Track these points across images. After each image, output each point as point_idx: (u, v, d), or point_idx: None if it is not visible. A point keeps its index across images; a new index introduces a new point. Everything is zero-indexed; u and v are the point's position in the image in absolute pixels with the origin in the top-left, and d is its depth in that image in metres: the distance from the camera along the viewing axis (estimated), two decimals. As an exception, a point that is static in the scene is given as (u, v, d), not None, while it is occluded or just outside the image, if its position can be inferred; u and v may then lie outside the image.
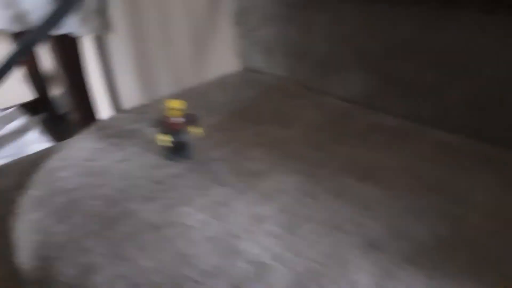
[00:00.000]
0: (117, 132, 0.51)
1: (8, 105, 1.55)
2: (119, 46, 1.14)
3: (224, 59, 0.79)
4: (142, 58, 1.08)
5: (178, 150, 0.43)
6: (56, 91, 1.58)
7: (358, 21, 0.51)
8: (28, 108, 1.57)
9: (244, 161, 0.42)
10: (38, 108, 1.55)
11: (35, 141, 1.23)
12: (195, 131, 0.42)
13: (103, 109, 1.34)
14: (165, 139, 0.41)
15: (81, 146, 0.48)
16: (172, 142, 0.42)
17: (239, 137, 0.47)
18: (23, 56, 0.43)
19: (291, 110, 0.52)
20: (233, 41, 0.70)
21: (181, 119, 0.42)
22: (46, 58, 1.56)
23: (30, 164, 0.88)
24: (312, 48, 0.57)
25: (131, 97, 1.22)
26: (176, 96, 0.59)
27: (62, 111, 1.65)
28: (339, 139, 0.44)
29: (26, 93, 1.54)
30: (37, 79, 1.53)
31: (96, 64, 1.27)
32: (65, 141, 0.94)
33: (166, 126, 0.42)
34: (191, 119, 0.42)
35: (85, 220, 0.35)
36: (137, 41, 1.06)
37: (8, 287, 0.39)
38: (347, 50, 0.53)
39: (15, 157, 1.17)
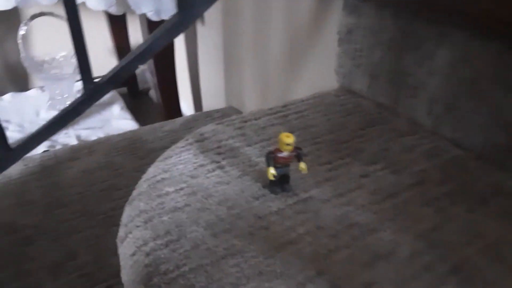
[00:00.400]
0: (217, 147, 0.51)
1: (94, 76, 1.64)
2: (209, 39, 1.15)
3: (318, 72, 0.77)
4: (230, 55, 1.08)
5: (279, 183, 0.43)
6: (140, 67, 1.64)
7: (485, 62, 0.47)
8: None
9: (348, 206, 0.40)
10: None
11: (118, 116, 1.29)
12: (301, 167, 0.41)
13: (185, 98, 1.37)
14: (274, 173, 0.41)
15: (183, 159, 0.49)
16: (276, 175, 0.42)
17: (343, 176, 0.45)
18: (144, 60, 0.44)
19: (400, 151, 0.49)
20: (333, 57, 0.67)
21: (291, 154, 0.41)
22: (134, 33, 1.62)
23: (116, 146, 0.92)
24: (423, 82, 0.53)
25: (212, 91, 1.24)
26: (275, 113, 0.58)
27: (143, 87, 1.72)
28: (455, 198, 0.41)
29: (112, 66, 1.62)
30: (124, 53, 1.59)
31: (184, 53, 1.30)
32: (150, 125, 0.97)
33: (274, 159, 0.41)
34: (298, 154, 0.41)
35: (194, 252, 0.35)
36: (228, 38, 1.06)
37: None
38: (467, 93, 0.49)
39: (98, 130, 1.23)
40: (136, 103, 1.62)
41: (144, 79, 1.72)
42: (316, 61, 0.77)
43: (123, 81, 1.57)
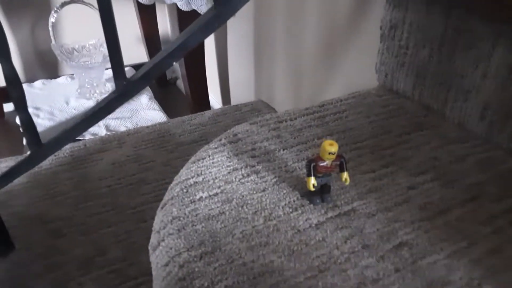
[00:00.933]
0: (251, 149, 0.48)
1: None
2: (239, 31, 1.12)
3: (355, 68, 0.73)
4: (261, 47, 1.04)
5: (319, 193, 0.40)
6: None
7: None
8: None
9: (395, 223, 0.37)
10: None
11: (146, 106, 1.28)
12: (344, 178, 0.38)
13: (213, 90, 1.35)
14: (314, 183, 0.38)
15: (216, 161, 0.47)
16: (316, 186, 0.39)
17: (388, 187, 0.42)
18: (179, 56, 0.41)
19: (450, 161, 0.45)
20: (374, 54, 0.63)
21: (334, 163, 0.38)
22: (163, 22, 1.60)
23: (145, 139, 0.91)
24: (477, 85, 0.49)
25: (241, 84, 1.21)
26: (312, 113, 0.55)
27: (171, 76, 1.71)
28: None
29: (140, 55, 1.61)
30: (152, 42, 1.58)
31: (213, 45, 1.27)
32: (178, 118, 0.96)
33: (315, 168, 0.38)
34: (341, 164, 0.39)
35: (229, 267, 0.33)
36: (259, 29, 1.03)
37: None
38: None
39: (127, 120, 1.23)
40: (163, 93, 1.61)
41: (172, 69, 1.71)
42: (353, 57, 0.73)
43: (156, 78, 1.57)
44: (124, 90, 0.45)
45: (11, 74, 0.47)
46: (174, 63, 0.45)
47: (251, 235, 0.37)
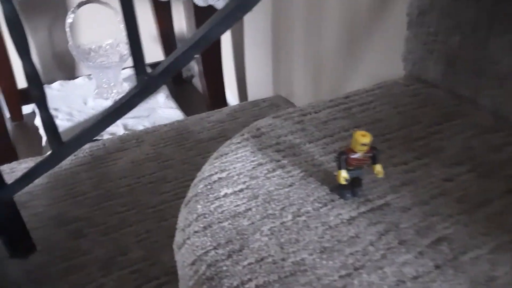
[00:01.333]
0: (275, 143, 0.47)
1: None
2: (256, 24, 1.10)
3: (379, 59, 0.71)
4: (279, 41, 1.02)
5: (350, 187, 0.38)
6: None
7: None
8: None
9: (432, 217, 0.35)
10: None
11: (163, 105, 1.28)
12: (377, 170, 0.37)
13: (229, 86, 1.34)
14: (346, 176, 0.36)
15: (240, 156, 0.45)
16: (348, 179, 0.37)
17: (422, 179, 0.39)
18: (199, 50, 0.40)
19: (486, 151, 0.43)
20: (398, 42, 0.61)
21: (366, 155, 0.36)
22: (179, 20, 1.60)
23: (163, 137, 0.90)
24: (512, 70, 0.46)
25: (259, 79, 1.20)
26: (337, 105, 0.53)
27: (186, 74, 1.70)
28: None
29: (156, 53, 1.61)
30: (168, 40, 1.57)
31: (229, 39, 1.26)
32: (195, 116, 0.95)
33: (347, 161, 0.36)
34: (374, 155, 0.37)
35: (259, 266, 0.32)
36: (277, 22, 1.01)
37: None
38: None
39: (144, 119, 1.23)
40: (179, 91, 1.60)
41: (187, 67, 1.71)
42: (376, 47, 0.71)
43: (177, 72, 1.56)
44: (146, 85, 0.44)
45: (32, 74, 0.46)
46: (193, 62, 0.44)
47: (280, 232, 0.35)
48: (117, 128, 1.16)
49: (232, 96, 1.42)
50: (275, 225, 0.36)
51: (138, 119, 1.21)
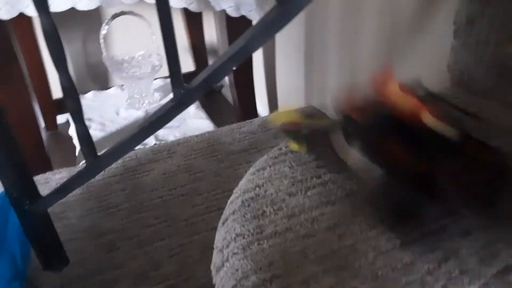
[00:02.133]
0: (315, 158, 0.44)
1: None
2: (288, 33, 1.09)
3: (421, 69, 0.67)
4: (312, 50, 1.00)
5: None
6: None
7: None
8: (187, 79, 1.65)
9: (496, 243, 0.32)
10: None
11: (193, 115, 1.28)
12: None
13: (259, 96, 1.32)
14: None
15: (278, 172, 0.43)
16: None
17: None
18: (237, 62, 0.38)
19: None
20: (441, 52, 0.58)
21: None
22: (210, 31, 1.60)
23: (194, 148, 0.89)
24: None
25: (290, 90, 1.18)
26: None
27: (215, 85, 1.70)
28: None
29: (187, 64, 1.62)
30: (199, 51, 1.58)
31: (260, 49, 1.25)
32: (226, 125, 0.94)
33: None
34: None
35: (305, 295, 0.29)
36: (310, 31, 0.99)
37: None
38: None
39: (175, 130, 1.23)
40: (209, 102, 1.60)
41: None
42: (417, 57, 0.68)
43: (215, 85, 1.57)
44: (182, 98, 0.42)
45: (68, 86, 0.46)
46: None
47: (326, 256, 0.33)
48: (148, 139, 1.17)
49: (262, 107, 1.40)
50: (319, 247, 0.33)
51: (169, 130, 1.21)
